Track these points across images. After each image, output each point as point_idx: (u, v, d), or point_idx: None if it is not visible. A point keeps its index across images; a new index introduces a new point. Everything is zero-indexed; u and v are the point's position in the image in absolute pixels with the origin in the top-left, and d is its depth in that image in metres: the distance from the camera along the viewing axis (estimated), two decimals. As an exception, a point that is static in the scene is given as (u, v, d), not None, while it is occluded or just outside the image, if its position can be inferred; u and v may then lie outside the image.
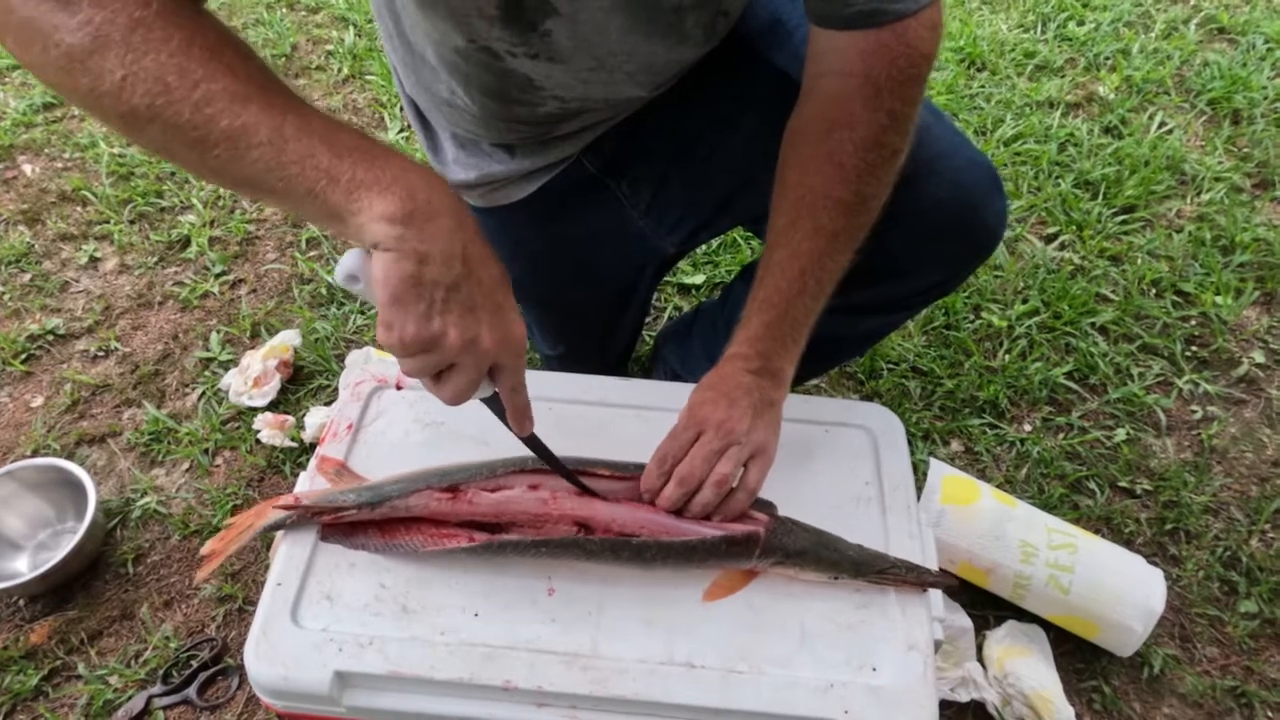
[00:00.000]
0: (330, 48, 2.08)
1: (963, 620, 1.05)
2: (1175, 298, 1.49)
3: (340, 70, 2.01)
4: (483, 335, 0.58)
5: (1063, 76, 1.95)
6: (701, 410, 0.73)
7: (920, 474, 1.15)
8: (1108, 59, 2.00)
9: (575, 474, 0.74)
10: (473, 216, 0.59)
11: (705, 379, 0.76)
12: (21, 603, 1.14)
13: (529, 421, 0.68)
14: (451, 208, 0.57)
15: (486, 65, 0.75)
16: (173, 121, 0.52)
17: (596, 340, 1.20)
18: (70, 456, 1.27)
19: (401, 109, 1.89)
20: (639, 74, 0.79)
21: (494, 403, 0.67)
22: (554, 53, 0.73)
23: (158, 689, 1.05)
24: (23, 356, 1.43)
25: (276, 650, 0.67)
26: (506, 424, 0.68)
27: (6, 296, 1.52)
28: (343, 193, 0.54)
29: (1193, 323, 1.46)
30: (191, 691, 1.05)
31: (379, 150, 0.56)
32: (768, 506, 0.75)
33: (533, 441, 0.71)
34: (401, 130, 1.85)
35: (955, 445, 1.31)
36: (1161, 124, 1.81)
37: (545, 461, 0.73)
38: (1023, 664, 1.01)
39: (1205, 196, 1.66)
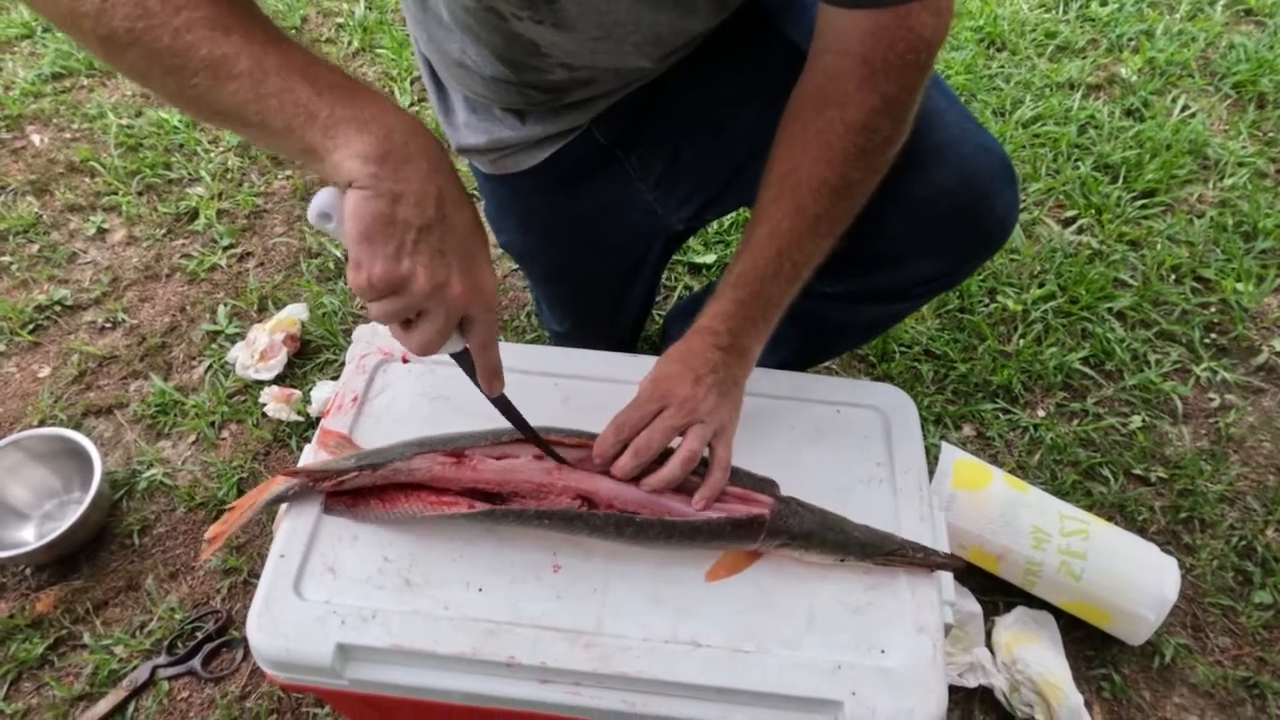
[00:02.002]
0: (340, 20, 2.05)
1: (972, 605, 1.04)
2: (1195, 284, 1.47)
3: (350, 43, 1.99)
4: (452, 281, 0.57)
5: (1084, 58, 1.91)
6: (666, 383, 0.71)
7: (931, 458, 1.13)
8: (1131, 40, 1.96)
9: (548, 442, 0.72)
10: (450, 162, 0.58)
11: (672, 350, 0.74)
12: (28, 572, 1.14)
13: (499, 381, 0.67)
14: (428, 150, 0.55)
15: (495, 26, 0.73)
16: (152, 46, 0.52)
17: (605, 315, 1.19)
18: (77, 427, 1.27)
19: (412, 82, 1.88)
20: (646, 45, 0.77)
21: (464, 359, 0.65)
22: (559, 19, 0.71)
23: (163, 659, 1.05)
24: (30, 327, 1.42)
25: (279, 622, 0.66)
26: (476, 383, 0.67)
27: (14, 267, 1.51)
28: (320, 129, 0.53)
29: (1212, 309, 1.44)
30: (196, 663, 1.05)
31: (359, 89, 0.55)
32: (771, 486, 0.74)
33: (502, 403, 0.70)
34: (412, 104, 1.83)
35: (967, 430, 1.29)
36: (1184, 107, 1.78)
37: (515, 425, 0.71)
38: (1031, 650, 1.00)
39: (1228, 181, 1.63)
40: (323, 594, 0.68)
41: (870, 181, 0.71)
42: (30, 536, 1.16)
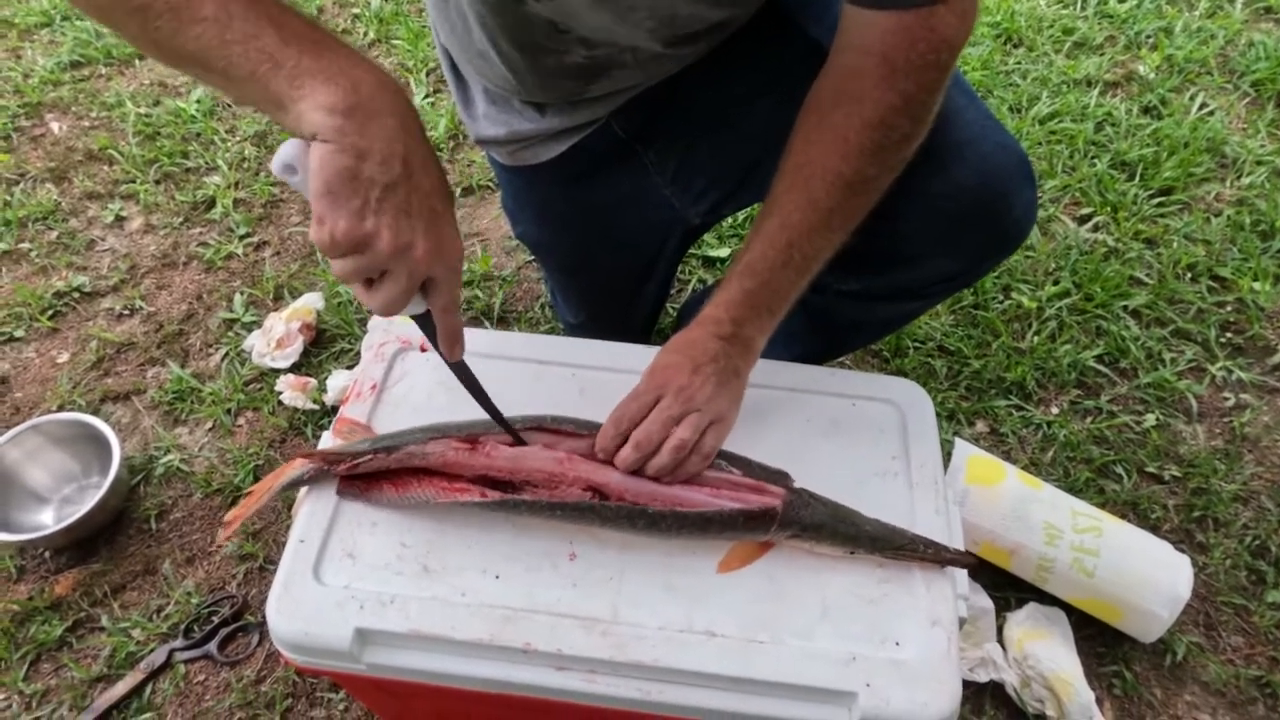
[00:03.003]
0: (357, 11, 2.06)
1: (983, 601, 1.04)
2: (1211, 283, 1.46)
3: (366, 34, 2.00)
4: (416, 242, 0.56)
5: (1102, 54, 1.90)
6: (664, 373, 0.72)
7: (945, 454, 1.13)
8: (1149, 37, 1.95)
9: (507, 421, 0.72)
10: (419, 120, 0.57)
11: (674, 340, 0.74)
12: (47, 555, 1.16)
13: (459, 346, 0.66)
14: (397, 108, 0.55)
15: (511, 10, 0.73)
16: None
17: (620, 308, 1.19)
18: (95, 413, 1.28)
19: (428, 74, 1.88)
20: (660, 29, 0.77)
21: (425, 321, 0.65)
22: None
23: (179, 643, 1.06)
24: (49, 313, 1.44)
25: (298, 606, 0.67)
26: (437, 347, 0.66)
27: (34, 253, 1.53)
28: (285, 79, 0.52)
29: (1228, 309, 1.43)
30: (212, 646, 1.06)
31: (329, 40, 0.54)
32: (783, 477, 0.74)
33: (461, 369, 0.69)
34: (427, 96, 1.84)
35: (981, 426, 1.29)
36: (1203, 105, 1.76)
37: (474, 396, 0.71)
38: (1043, 646, 1.00)
39: (1246, 180, 1.61)
40: (342, 579, 0.69)
41: (885, 178, 0.71)
42: (49, 520, 1.18)
